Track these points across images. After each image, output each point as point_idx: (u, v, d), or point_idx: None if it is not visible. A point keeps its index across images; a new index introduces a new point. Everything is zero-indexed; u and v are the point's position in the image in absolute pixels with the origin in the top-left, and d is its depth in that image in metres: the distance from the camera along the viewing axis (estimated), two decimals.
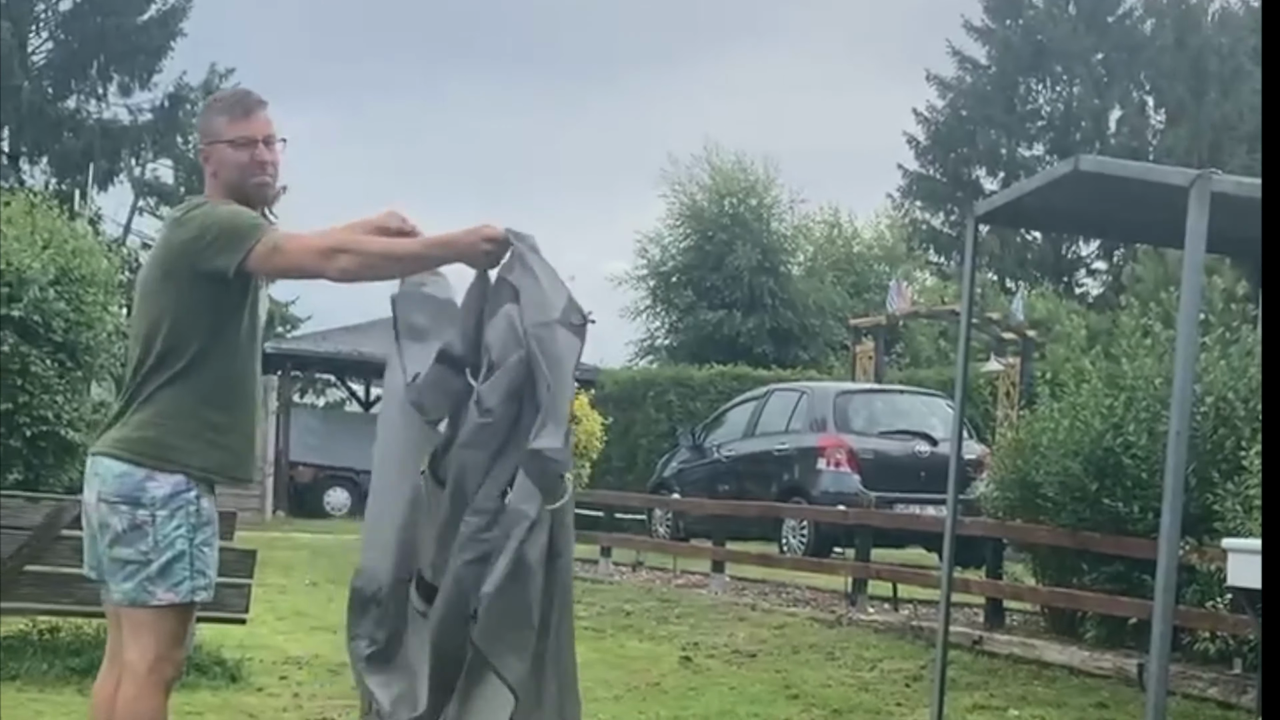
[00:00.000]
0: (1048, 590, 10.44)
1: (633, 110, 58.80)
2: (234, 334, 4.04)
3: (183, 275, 3.96)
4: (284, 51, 55.30)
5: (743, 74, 58.35)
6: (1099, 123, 41.04)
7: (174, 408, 3.97)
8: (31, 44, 36.18)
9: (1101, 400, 9.80)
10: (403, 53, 61.22)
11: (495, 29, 60.76)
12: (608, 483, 22.17)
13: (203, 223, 3.95)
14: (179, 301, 3.97)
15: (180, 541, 3.95)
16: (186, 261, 3.95)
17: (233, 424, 4.06)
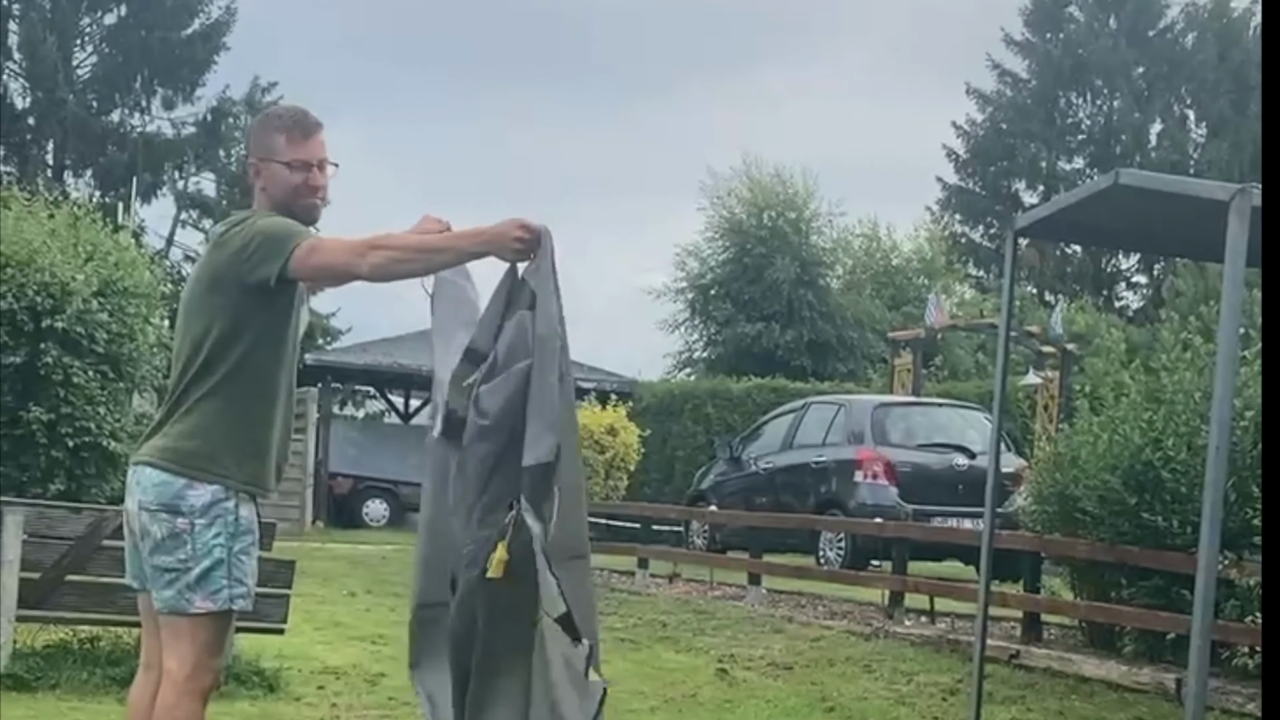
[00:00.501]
0: (1086, 604, 10.39)
1: (672, 123, 58.92)
2: (275, 345, 4.07)
3: (228, 289, 3.99)
4: (328, 64, 55.69)
5: (782, 87, 58.37)
6: (1139, 136, 40.86)
7: (214, 418, 4.00)
8: (76, 58, 36.48)
9: (1141, 414, 9.76)
10: (444, 65, 61.51)
11: (532, 42, 60.99)
12: (645, 494, 22.21)
13: (244, 237, 3.98)
14: (223, 314, 3.99)
15: (218, 550, 3.98)
16: (232, 276, 3.97)
17: (268, 436, 4.09)
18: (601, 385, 25.56)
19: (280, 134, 4.17)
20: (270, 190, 4.14)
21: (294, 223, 4.03)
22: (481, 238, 3.94)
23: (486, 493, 3.87)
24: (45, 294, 14.04)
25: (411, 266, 3.96)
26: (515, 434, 3.85)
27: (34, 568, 7.38)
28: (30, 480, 14.17)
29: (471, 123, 59.90)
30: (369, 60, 60.47)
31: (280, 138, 4.16)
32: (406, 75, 61.36)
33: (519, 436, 3.84)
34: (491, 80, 62.37)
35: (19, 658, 7.46)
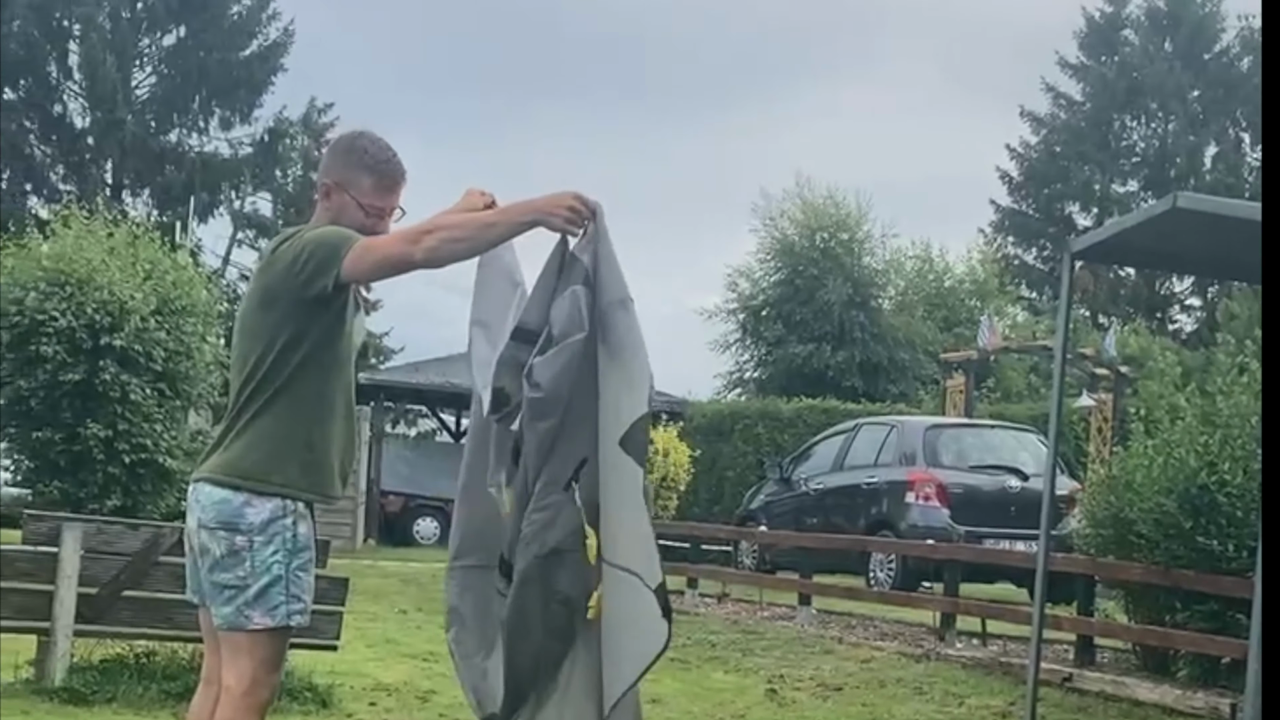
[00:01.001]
0: (1140, 628, 10.32)
1: (725, 144, 58.94)
2: (331, 354, 4.07)
3: (283, 304, 4.00)
4: (384, 86, 56.04)
5: (836, 108, 58.35)
6: (1194, 159, 40.60)
7: (270, 431, 4.01)
8: (135, 78, 36.90)
9: (1196, 437, 9.69)
10: (497, 85, 61.79)
11: (587, 62, 61.26)
12: (695, 514, 22.20)
13: (295, 252, 3.98)
14: (280, 329, 4.00)
15: (277, 566, 3.98)
16: (287, 291, 3.98)
17: (328, 444, 4.09)
18: (652, 404, 25.54)
19: (368, 175, 4.15)
20: (337, 219, 4.12)
21: (341, 229, 4.03)
22: (531, 207, 3.91)
23: (545, 471, 3.89)
24: (104, 312, 14.26)
25: (465, 246, 3.92)
26: (570, 409, 3.86)
27: (91, 583, 7.45)
28: (88, 496, 14.37)
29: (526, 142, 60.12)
30: (424, 81, 60.91)
31: (367, 179, 4.15)
32: (461, 96, 61.75)
33: (573, 412, 3.86)
34: (546, 100, 62.63)
35: (76, 672, 7.53)
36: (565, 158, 57.78)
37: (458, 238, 3.89)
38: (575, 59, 61.25)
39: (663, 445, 20.48)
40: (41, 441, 14.51)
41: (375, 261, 3.93)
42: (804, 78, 60.94)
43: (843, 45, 62.45)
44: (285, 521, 4.00)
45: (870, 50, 60.83)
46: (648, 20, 60.82)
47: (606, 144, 60.24)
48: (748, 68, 63.12)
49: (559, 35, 60.67)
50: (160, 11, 36.47)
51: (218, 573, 3.99)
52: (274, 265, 4.03)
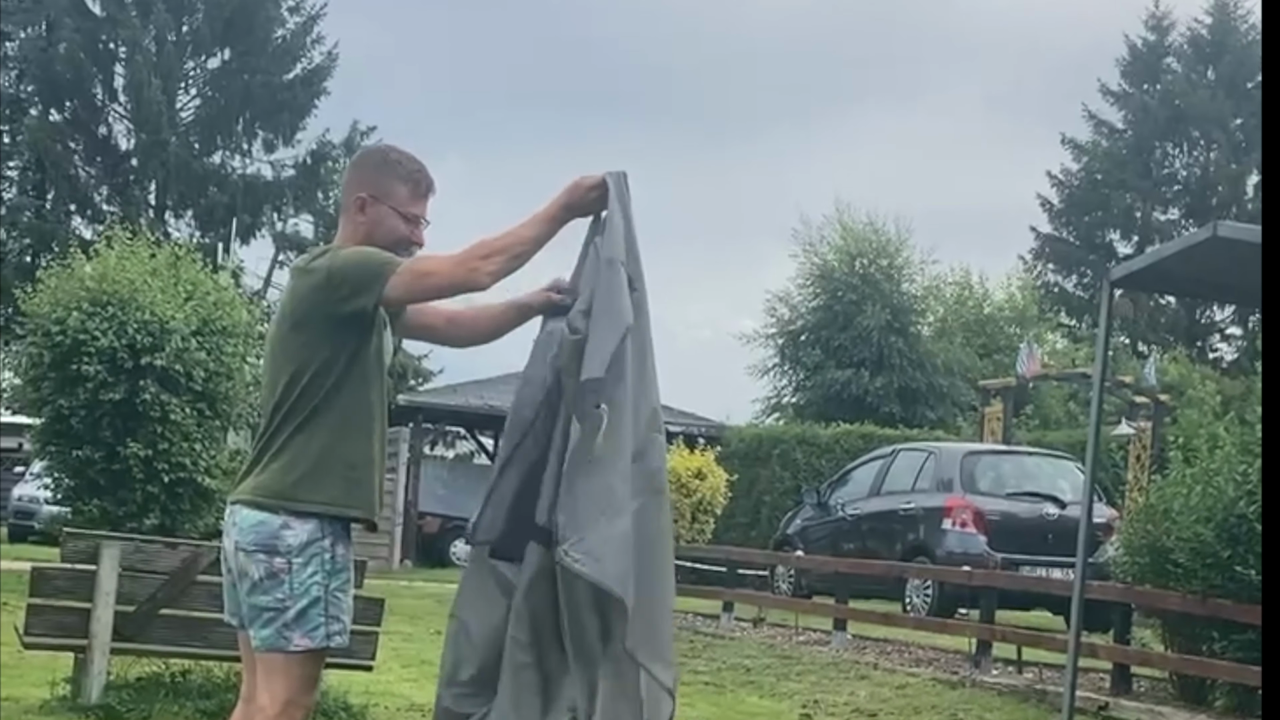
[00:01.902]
0: (1177, 657, 10.26)
1: (765, 169, 59.06)
2: (364, 372, 4.07)
3: (315, 323, 4.00)
4: (426, 108, 56.39)
5: (877, 134, 58.35)
6: (1236, 188, 40.38)
7: (307, 451, 4.01)
8: (180, 100, 37.18)
9: (1235, 466, 9.64)
10: (541, 109, 62.14)
11: (633, 85, 61.48)
12: (731, 538, 22.16)
13: (330, 269, 3.97)
14: (313, 349, 4.00)
15: (315, 588, 3.99)
16: (320, 310, 3.98)
17: (368, 462, 4.09)
18: (690, 429, 25.59)
19: (404, 184, 4.18)
20: (373, 231, 4.13)
21: (377, 252, 4.03)
22: (561, 203, 4.01)
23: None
24: (145, 332, 14.37)
25: (520, 261, 3.95)
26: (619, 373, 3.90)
27: (129, 601, 7.50)
28: (127, 514, 14.47)
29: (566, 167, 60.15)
30: (465, 105, 61.24)
31: (403, 188, 4.17)
32: (502, 121, 62.08)
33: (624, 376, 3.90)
34: (586, 125, 62.88)
35: (112, 689, 7.58)
36: None
37: (516, 254, 3.93)
38: (619, 83, 61.54)
39: (700, 469, 20.46)
40: (81, 460, 14.62)
41: (428, 284, 3.98)
42: (845, 103, 61.02)
43: (885, 72, 62.52)
44: (324, 543, 4.01)
45: (912, 77, 60.87)
46: (693, 46, 61.06)
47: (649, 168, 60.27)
48: (789, 93, 63.27)
49: (602, 60, 61.03)
50: (205, 35, 36.77)
51: (257, 595, 4.00)
52: (305, 283, 4.03)
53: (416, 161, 4.24)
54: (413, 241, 4.16)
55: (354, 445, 4.06)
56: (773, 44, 62.68)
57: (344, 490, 4.03)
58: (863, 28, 61.66)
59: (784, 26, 62.28)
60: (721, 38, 62.52)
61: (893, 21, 60.83)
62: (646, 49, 60.92)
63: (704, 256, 59.78)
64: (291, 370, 4.03)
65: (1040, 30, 60.27)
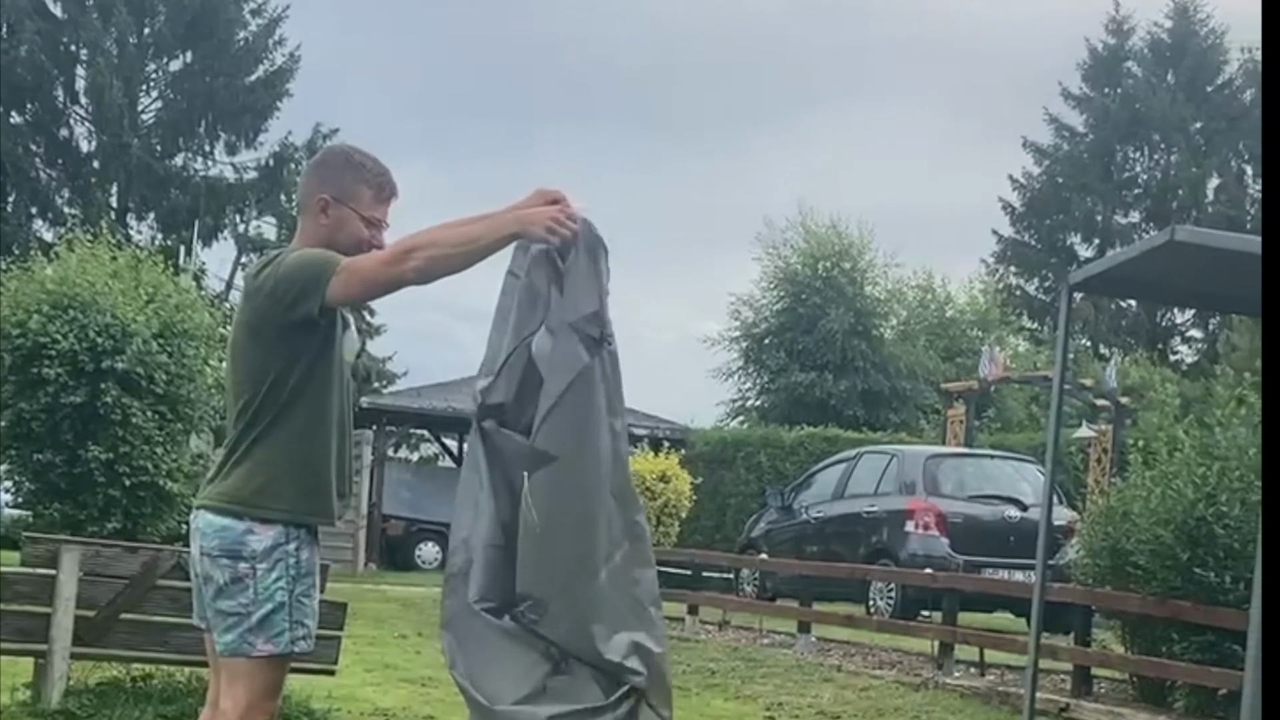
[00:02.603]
0: (1137, 658, 10.32)
1: (729, 173, 59.11)
2: (324, 375, 4.06)
3: (269, 331, 3.99)
4: (388, 111, 56.23)
5: (840, 138, 58.50)
6: (1196, 191, 40.67)
7: (269, 458, 4.01)
8: (141, 103, 37.01)
9: (1194, 469, 9.72)
10: (502, 112, 62.02)
11: (596, 89, 61.43)
12: (696, 541, 22.21)
13: (277, 278, 3.97)
14: (270, 357, 4.00)
15: (280, 593, 3.99)
16: (272, 319, 3.97)
17: (327, 466, 4.09)
18: (654, 432, 25.61)
19: (368, 188, 4.16)
20: (335, 234, 4.11)
21: (321, 251, 4.01)
22: (514, 218, 3.90)
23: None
24: (106, 335, 14.30)
25: (454, 263, 3.87)
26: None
27: (89, 605, 7.46)
28: (88, 518, 14.39)
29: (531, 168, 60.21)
30: (429, 108, 61.09)
31: (367, 191, 4.16)
32: (464, 124, 61.93)
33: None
34: (551, 127, 62.84)
35: (73, 694, 7.53)
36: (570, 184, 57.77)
37: (446, 254, 3.84)
38: (580, 87, 61.48)
39: (665, 472, 20.49)
40: (42, 464, 14.55)
41: (363, 284, 3.93)
42: (808, 107, 61.16)
43: (848, 76, 62.68)
44: (288, 548, 4.01)
45: (875, 81, 61.07)
46: (653, 49, 61.09)
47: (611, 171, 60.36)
48: (752, 97, 63.37)
49: (563, 64, 60.94)
50: (167, 37, 36.62)
51: (221, 600, 3.99)
52: (258, 293, 4.01)
53: (380, 164, 4.22)
54: (373, 245, 4.13)
55: (315, 451, 4.06)
56: (737, 47, 62.83)
57: (305, 497, 4.04)
58: (826, 32, 61.85)
59: (748, 29, 62.43)
60: (686, 41, 62.65)
61: (855, 26, 61.08)
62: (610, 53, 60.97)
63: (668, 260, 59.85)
64: (251, 378, 4.03)
65: (1002, 34, 60.60)
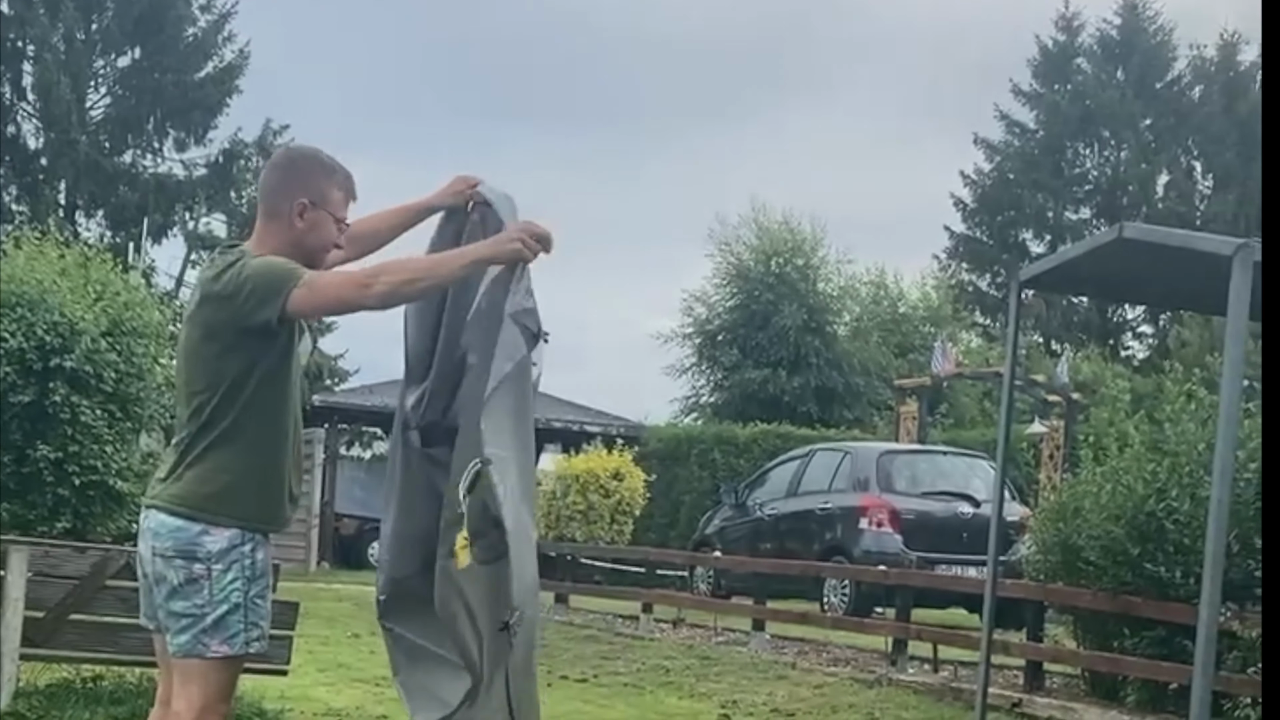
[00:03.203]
0: (1089, 653, 10.39)
1: (682, 170, 59.08)
2: (281, 380, 4.06)
3: (227, 335, 3.97)
4: (340, 107, 55.96)
5: (792, 135, 58.59)
6: (1146, 187, 41.00)
7: (226, 463, 4.00)
8: (90, 99, 36.69)
9: (1144, 465, 9.79)
10: (452, 110, 61.81)
11: (547, 86, 61.26)
12: (650, 539, 22.21)
13: (239, 280, 3.94)
14: (227, 360, 3.98)
15: (236, 594, 3.97)
16: (230, 322, 3.95)
17: (282, 471, 4.10)
18: (608, 429, 25.59)
19: (339, 190, 4.18)
20: (305, 235, 4.10)
21: (287, 261, 4.00)
22: (484, 247, 4.00)
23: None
24: (54, 333, 14.14)
25: (417, 289, 3.95)
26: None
27: (38, 606, 7.38)
28: (37, 518, 14.22)
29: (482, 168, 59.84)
30: (378, 105, 60.81)
31: (339, 193, 4.17)
32: (415, 121, 61.65)
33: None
34: (502, 126, 62.70)
35: (22, 696, 7.46)
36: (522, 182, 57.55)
37: (410, 280, 3.90)
38: (531, 84, 61.31)
39: (618, 469, 20.49)
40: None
41: (326, 301, 3.96)
42: (759, 104, 61.21)
43: (799, 73, 62.79)
44: (244, 549, 4.00)
45: (827, 78, 61.20)
46: (605, 47, 61.08)
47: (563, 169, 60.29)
48: (704, 93, 63.41)
49: (515, 61, 60.80)
50: (115, 33, 36.32)
51: (175, 601, 3.97)
52: (218, 295, 3.98)
53: (345, 169, 4.25)
54: (336, 244, 4.18)
55: (272, 457, 4.07)
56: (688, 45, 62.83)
57: (260, 503, 4.04)
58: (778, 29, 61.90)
59: (700, 28, 62.45)
60: (637, 39, 62.62)
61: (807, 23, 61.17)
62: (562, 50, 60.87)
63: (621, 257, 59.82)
64: (207, 380, 4.01)
65: (954, 31, 60.86)
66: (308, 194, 4.13)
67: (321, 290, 3.92)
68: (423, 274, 3.94)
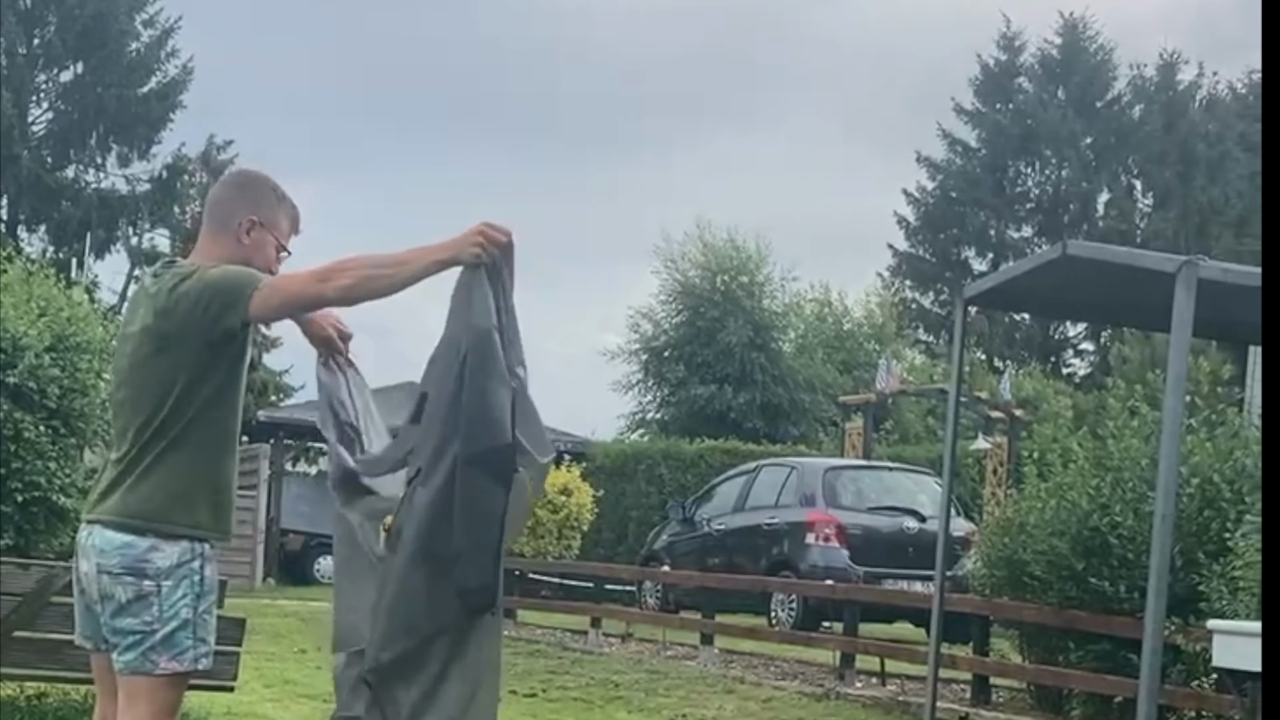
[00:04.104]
0: (1034, 667, 10.48)
1: (626, 186, 59.19)
2: (231, 394, 4.05)
3: (186, 346, 3.94)
4: (282, 124, 55.68)
5: (738, 153, 58.83)
6: (1087, 205, 41.43)
7: (177, 472, 3.96)
8: (32, 114, 36.44)
9: (1088, 480, 9.88)
10: (399, 127, 61.67)
11: (493, 104, 61.27)
12: (598, 554, 22.20)
13: (199, 291, 3.92)
14: (180, 371, 3.94)
15: (185, 610, 3.94)
16: (189, 333, 3.92)
17: (229, 484, 4.09)
18: (556, 445, 25.40)
19: (286, 217, 4.22)
20: (250, 252, 4.11)
21: (243, 268, 4.00)
22: (445, 246, 3.88)
23: None
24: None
25: (379, 284, 3.87)
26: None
27: None
28: None
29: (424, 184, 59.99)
30: (324, 120, 60.56)
31: (285, 220, 4.21)
32: (360, 136, 61.42)
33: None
34: (445, 142, 62.61)
35: None
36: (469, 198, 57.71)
37: (372, 276, 3.85)
38: (478, 101, 61.29)
39: (566, 485, 20.47)
40: None
41: (285, 300, 3.94)
42: (706, 123, 61.48)
43: (744, 91, 63.05)
44: (193, 564, 3.97)
45: (771, 96, 61.51)
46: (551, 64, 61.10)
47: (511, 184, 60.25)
48: (653, 111, 63.55)
49: (455, 74, 60.76)
50: (58, 47, 36.08)
51: (122, 618, 3.93)
52: (178, 305, 3.94)
53: (290, 199, 4.28)
54: (271, 272, 4.15)
55: (220, 467, 4.06)
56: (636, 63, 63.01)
57: (211, 513, 4.02)
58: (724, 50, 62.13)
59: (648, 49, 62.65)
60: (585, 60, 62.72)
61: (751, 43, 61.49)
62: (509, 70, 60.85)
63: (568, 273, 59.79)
64: (159, 390, 3.96)
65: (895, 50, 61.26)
66: (258, 213, 4.15)
67: (281, 289, 3.92)
68: (384, 271, 3.85)
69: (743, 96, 62.95)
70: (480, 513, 3.79)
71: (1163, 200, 40.42)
